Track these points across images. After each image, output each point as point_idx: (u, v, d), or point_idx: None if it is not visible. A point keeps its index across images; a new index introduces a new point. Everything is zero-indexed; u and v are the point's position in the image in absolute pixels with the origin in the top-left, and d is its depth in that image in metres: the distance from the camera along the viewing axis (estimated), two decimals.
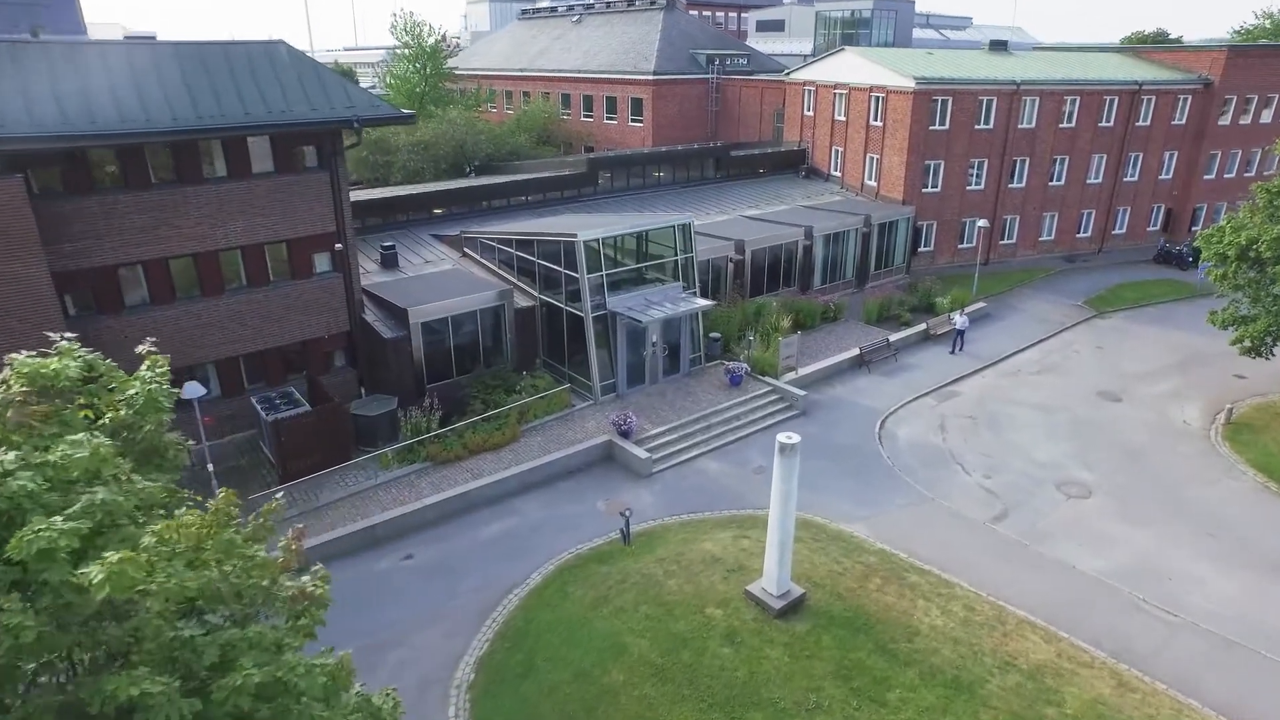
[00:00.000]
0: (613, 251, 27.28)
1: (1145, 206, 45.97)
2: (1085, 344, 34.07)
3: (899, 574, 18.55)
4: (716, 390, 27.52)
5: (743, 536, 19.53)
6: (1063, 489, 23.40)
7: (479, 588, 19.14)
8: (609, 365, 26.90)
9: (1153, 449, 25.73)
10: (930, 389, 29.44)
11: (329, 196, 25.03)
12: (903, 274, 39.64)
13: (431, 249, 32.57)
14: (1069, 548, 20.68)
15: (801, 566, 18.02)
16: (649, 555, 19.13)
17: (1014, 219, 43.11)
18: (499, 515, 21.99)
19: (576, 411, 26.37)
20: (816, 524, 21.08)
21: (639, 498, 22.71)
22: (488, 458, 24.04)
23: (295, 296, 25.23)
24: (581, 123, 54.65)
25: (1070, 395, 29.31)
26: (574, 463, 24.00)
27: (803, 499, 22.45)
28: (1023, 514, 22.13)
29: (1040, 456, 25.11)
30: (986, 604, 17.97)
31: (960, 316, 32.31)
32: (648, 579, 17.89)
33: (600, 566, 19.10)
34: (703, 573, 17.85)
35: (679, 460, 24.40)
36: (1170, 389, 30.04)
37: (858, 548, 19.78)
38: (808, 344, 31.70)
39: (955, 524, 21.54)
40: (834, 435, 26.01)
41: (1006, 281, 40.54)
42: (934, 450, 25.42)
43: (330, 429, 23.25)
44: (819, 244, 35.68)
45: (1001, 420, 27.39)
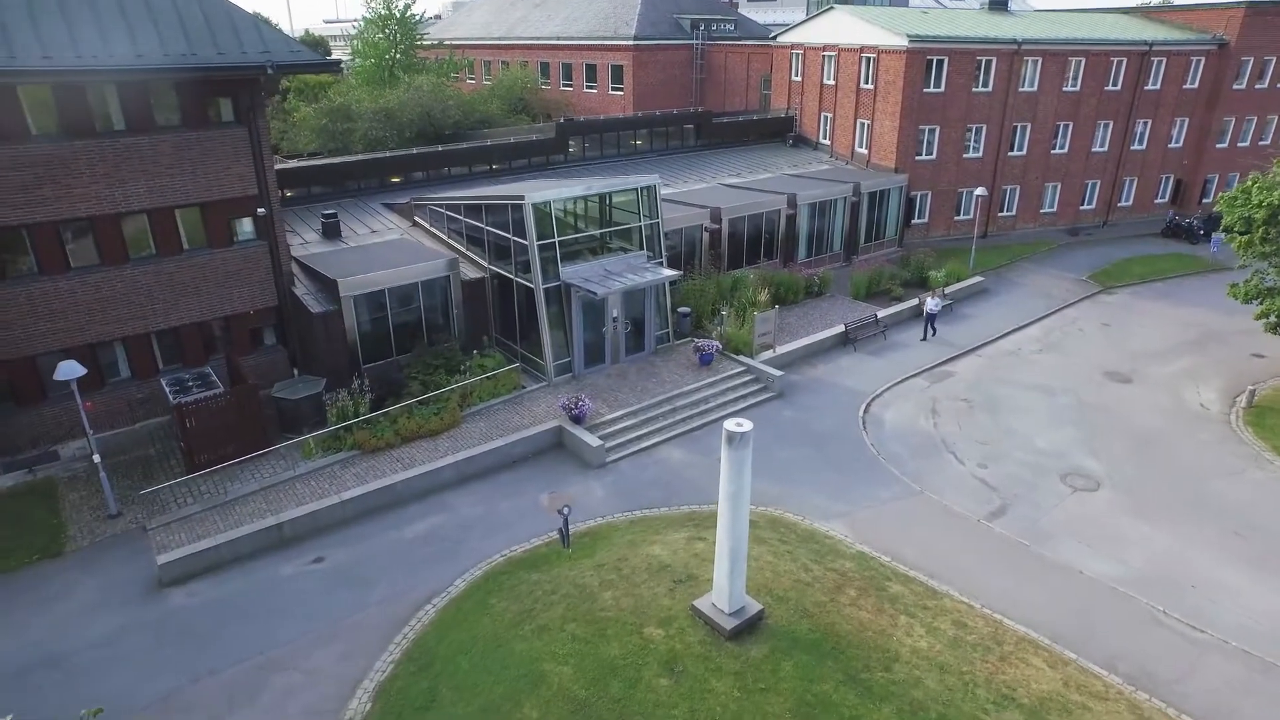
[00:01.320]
0: (569, 217, 24.21)
1: (1153, 177, 42.63)
2: (1090, 321, 30.94)
3: (879, 583, 15.58)
4: (685, 370, 24.50)
5: (698, 538, 16.57)
6: (1068, 481, 20.39)
7: (392, 597, 16.24)
8: (564, 343, 23.87)
9: (1167, 435, 22.68)
10: (921, 369, 26.38)
11: (248, 155, 21.94)
12: (894, 247, 36.46)
13: (381, 218, 29.50)
14: (1075, 549, 17.70)
15: (762, 575, 15.06)
16: (587, 560, 16.19)
17: (1014, 189, 39.84)
18: (428, 511, 19.06)
19: (527, 394, 23.38)
20: (786, 522, 18.11)
21: (588, 491, 19.76)
22: (423, 445, 21.09)
23: (213, 267, 22.21)
24: (561, 92, 51.30)
25: (1075, 376, 26.23)
26: (518, 451, 21.04)
27: (773, 493, 19.56)
28: (1022, 510, 19.14)
29: (1042, 444, 22.08)
30: (980, 619, 15.01)
31: (932, 299, 28.48)
32: (580, 590, 14.94)
33: (530, 574, 16.17)
34: (646, 583, 14.89)
35: (637, 448, 21.42)
36: (1184, 369, 26.94)
37: (832, 551, 16.81)
38: (789, 320, 28.63)
39: (946, 522, 18.57)
40: (812, 420, 23.00)
41: (1005, 255, 37.35)
42: (924, 437, 22.40)
43: (244, 414, 20.30)
44: (803, 214, 32.51)
45: (999, 403, 24.34)
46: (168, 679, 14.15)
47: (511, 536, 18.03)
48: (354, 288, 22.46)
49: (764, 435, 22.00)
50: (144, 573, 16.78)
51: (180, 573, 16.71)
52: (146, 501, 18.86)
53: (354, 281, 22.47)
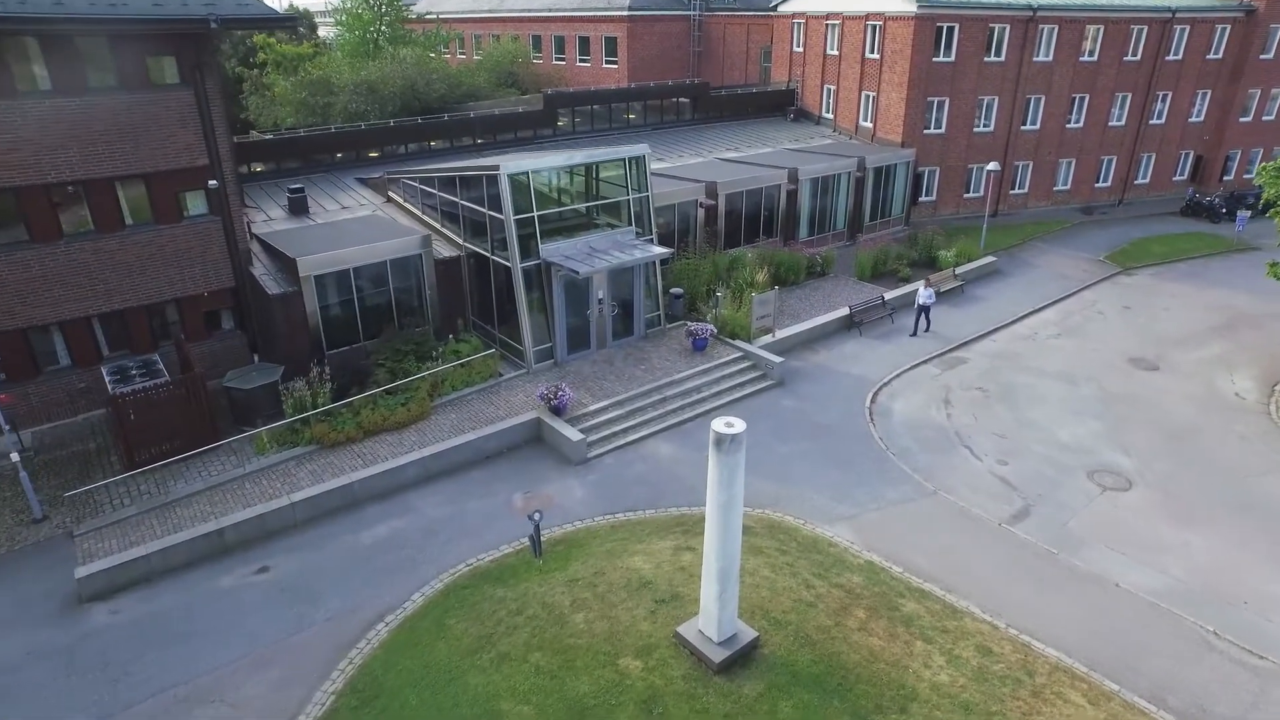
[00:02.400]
0: (551, 191, 22.01)
1: (1172, 153, 40.20)
2: (1110, 304, 28.72)
3: (891, 601, 13.51)
4: (676, 357, 22.36)
5: (686, 548, 14.49)
6: (1096, 478, 18.28)
7: (341, 614, 14.21)
8: (545, 327, 21.73)
9: (1202, 428, 20.54)
10: (932, 355, 24.22)
11: (195, 122, 19.73)
12: (901, 225, 34.18)
13: (354, 194, 27.28)
14: (1109, 557, 15.62)
15: (758, 594, 12.99)
16: (560, 573, 14.13)
17: (1026, 166, 37.48)
18: (389, 514, 17.01)
19: (504, 382, 21.27)
20: (786, 527, 16.04)
21: (567, 490, 17.69)
22: (387, 439, 19.02)
23: (160, 245, 20.06)
24: (553, 66, 48.81)
25: (1097, 363, 24.06)
26: (491, 446, 18.96)
27: (771, 493, 17.48)
28: (1047, 511, 17.05)
29: (1065, 437, 19.96)
30: (1007, 642, 12.96)
31: (925, 288, 25.23)
32: (549, 611, 12.89)
33: (495, 589, 14.12)
34: (624, 603, 12.83)
35: (623, 442, 19.33)
36: (1215, 355, 24.75)
37: (838, 562, 14.73)
38: (789, 302, 26.45)
39: (963, 525, 16.49)
40: (815, 411, 20.88)
41: (1018, 234, 35.05)
42: (936, 430, 20.28)
43: (190, 405, 18.24)
44: (805, 189, 30.22)
45: (1017, 392, 22.20)
46: (71, 717, 12.14)
47: (479, 543, 15.99)
48: (315, 267, 20.30)
49: (762, 428, 19.92)
50: (64, 586, 14.73)
51: (103, 586, 14.69)
52: (77, 503, 16.82)
53: (315, 260, 20.30)
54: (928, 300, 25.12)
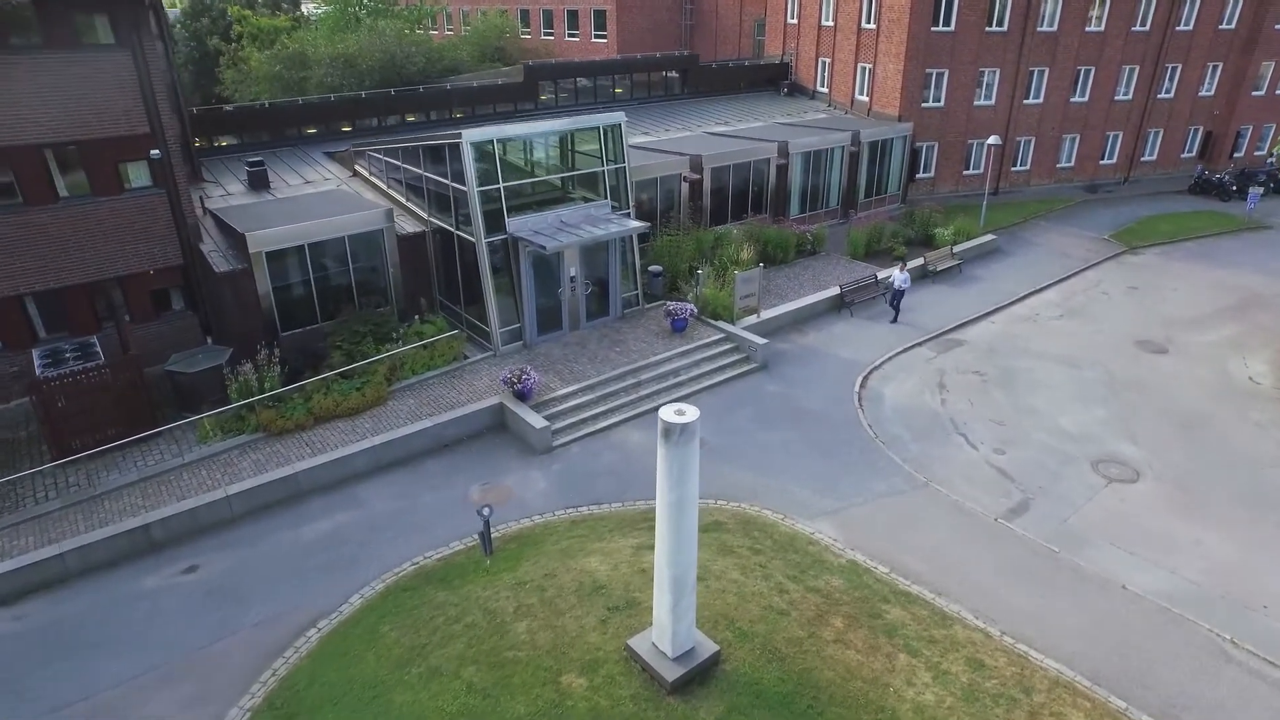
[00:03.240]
0: (522, 162, 20.44)
1: (1181, 128, 38.36)
2: (1115, 284, 27.11)
3: (873, 607, 12.06)
4: (654, 338, 20.86)
5: (648, 547, 13.05)
6: (1101, 469, 16.80)
7: (271, 619, 12.83)
8: (513, 307, 20.23)
9: (1215, 415, 19.01)
10: (927, 336, 22.68)
11: (133, 86, 18.19)
12: (897, 203, 32.53)
13: (320, 168, 25.74)
14: (1114, 556, 14.16)
15: (724, 600, 11.55)
16: (508, 574, 12.71)
17: (1029, 141, 35.71)
18: (334, 507, 15.61)
19: (468, 366, 19.80)
20: (762, 523, 14.58)
21: (528, 482, 16.26)
22: (340, 426, 17.59)
23: (98, 219, 18.58)
24: (541, 42, 47.02)
25: (1102, 345, 22.51)
26: (450, 434, 17.53)
27: (749, 485, 16.03)
28: (1048, 505, 15.58)
29: (1068, 425, 18.46)
30: (1001, 654, 11.52)
31: (900, 273, 23.28)
32: (490, 618, 11.47)
33: (438, 592, 12.70)
34: (573, 610, 11.40)
35: (592, 430, 17.88)
36: (1227, 338, 23.17)
37: (816, 562, 13.28)
38: (777, 281, 24.91)
39: (955, 521, 15.02)
40: (800, 396, 19.38)
41: (1019, 212, 33.37)
42: (929, 416, 18.79)
43: (126, 390, 16.81)
44: (796, 164, 28.58)
45: (1017, 377, 20.67)
46: None
47: (429, 540, 14.59)
48: (267, 242, 18.81)
49: (742, 414, 18.45)
50: None
51: (10, 589, 13.33)
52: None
53: (266, 235, 18.81)
54: (902, 285, 23.22)
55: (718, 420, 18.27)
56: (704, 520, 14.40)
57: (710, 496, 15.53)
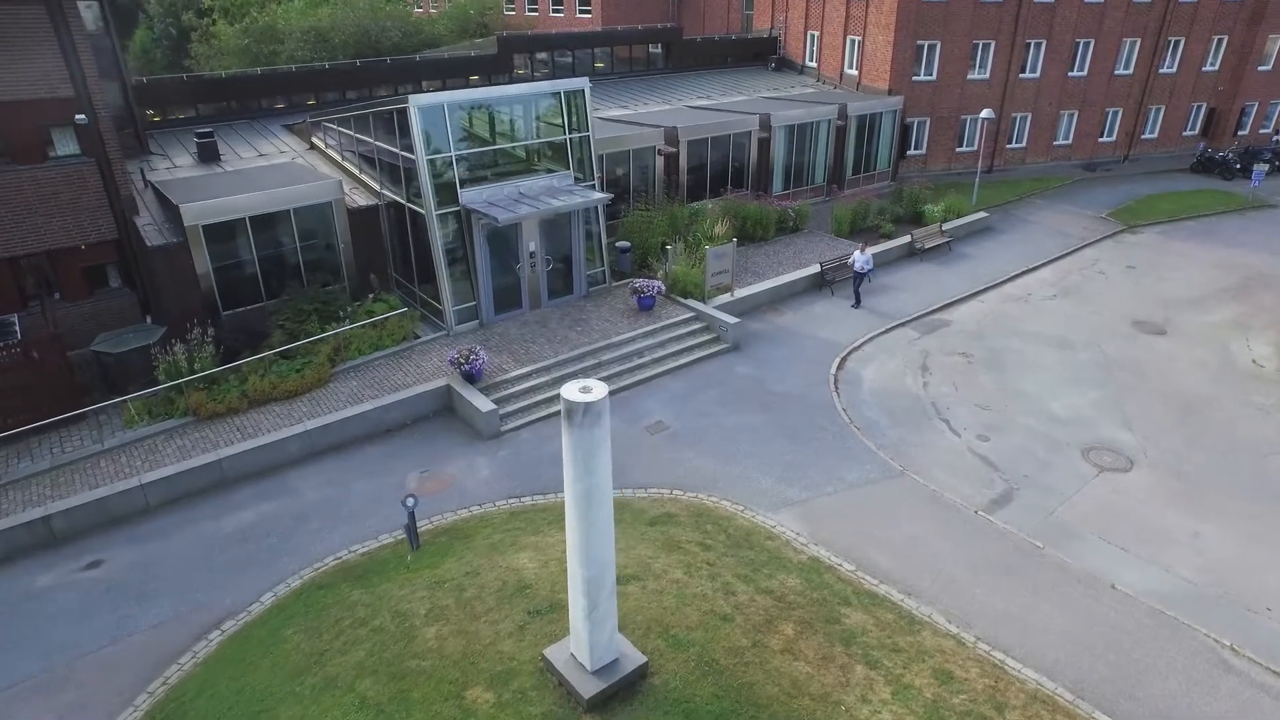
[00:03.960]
0: (476, 129, 18.99)
1: (1183, 105, 36.71)
2: (1113, 263, 25.63)
3: (831, 611, 10.73)
4: (619, 317, 19.48)
5: None
6: (1092, 457, 15.41)
7: (172, 619, 11.56)
8: (469, 284, 18.86)
9: (1216, 399, 17.60)
10: (911, 317, 21.26)
11: (53, 45, 16.81)
12: (887, 181, 31.00)
13: (277, 141, 24.33)
14: (1104, 553, 12.80)
15: (661, 603, 10.22)
16: (430, 571, 11.39)
17: (1024, 118, 34.13)
18: (261, 496, 14.31)
19: (419, 346, 18.45)
20: (718, 515, 13.24)
21: (471, 469, 14.93)
22: (276, 410, 16.27)
23: (18, 188, 17.13)
24: (526, 17, 45.37)
25: (1097, 326, 21.08)
26: (392, 417, 16.20)
27: (709, 473, 14.67)
28: (1033, 496, 14.21)
29: (1059, 409, 17.07)
30: (973, 663, 10.19)
31: (861, 254, 21.31)
32: (400, 622, 10.16)
33: (353, 590, 11.40)
34: (491, 612, 10.08)
35: (545, 414, 16.54)
36: (1229, 318, 21.71)
37: (773, 559, 11.94)
38: (756, 259, 23.49)
39: (932, 513, 13.66)
40: (772, 378, 18.01)
41: (1013, 190, 31.84)
42: (910, 400, 17.41)
43: (44, 371, 15.50)
44: (779, 138, 27.08)
45: (1005, 359, 19.27)
46: None
47: (357, 531, 13.30)
48: (203, 215, 17.44)
49: (707, 397, 17.09)
50: None
51: None
52: None
53: (202, 208, 17.43)
54: (863, 267, 21.31)
55: (681, 403, 16.92)
56: (654, 512, 13.07)
57: (665, 486, 14.21)
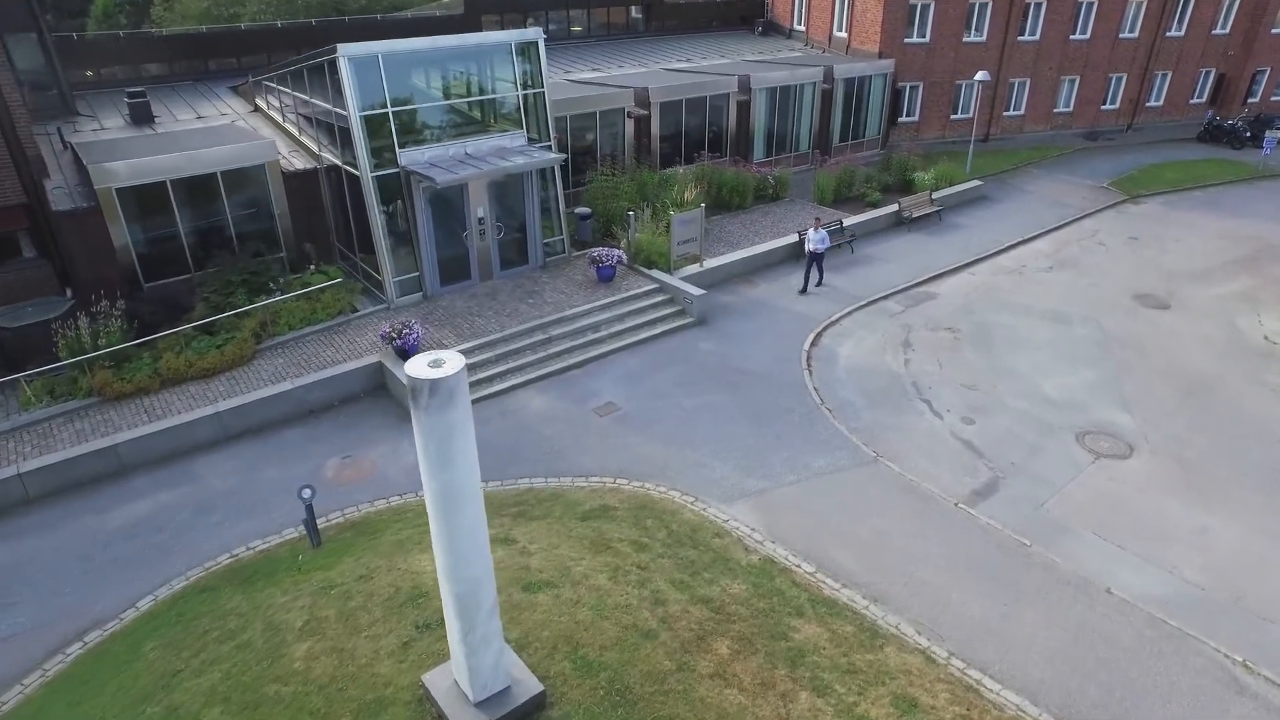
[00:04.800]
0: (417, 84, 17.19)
1: (1191, 70, 34.60)
2: (1114, 234, 23.81)
3: (778, 624, 9.12)
4: (576, 289, 17.78)
5: (503, 539, 10.11)
6: (1087, 442, 13.75)
7: (31, 630, 10.01)
8: (411, 253, 17.17)
9: (1224, 378, 15.89)
10: (894, 289, 19.52)
11: None
12: (877, 149, 29.12)
13: (220, 103, 22.56)
14: (1100, 551, 11.18)
15: (575, 615, 8.60)
16: (321, 573, 9.79)
17: (1023, 84, 32.08)
18: (161, 485, 12.73)
19: (357, 320, 16.79)
20: (663, 509, 11.61)
21: (397, 455, 13.33)
22: (192, 390, 14.64)
23: None
24: None
25: (1096, 300, 19.33)
26: (316, 397, 14.58)
27: (659, 459, 13.02)
28: (1021, 486, 12.57)
29: (1051, 390, 15.38)
30: (943, 686, 8.60)
31: (816, 231, 18.53)
32: (271, 635, 8.58)
33: (234, 596, 9.82)
34: (374, 626, 8.49)
35: (485, 393, 14.88)
36: (1237, 292, 19.94)
37: (718, 560, 10.33)
38: (731, 228, 21.73)
39: (907, 505, 12.03)
40: (738, 355, 16.33)
41: (1010, 159, 29.93)
42: (889, 379, 15.72)
43: None
44: (760, 101, 25.21)
45: (995, 335, 17.56)
46: None
47: (261, 525, 11.73)
48: (116, 177, 15.74)
49: (665, 376, 15.44)
50: None
51: None
52: None
53: (116, 169, 15.73)
54: (819, 246, 18.62)
55: (636, 382, 15.27)
56: (589, 505, 11.46)
57: (608, 474, 12.58)
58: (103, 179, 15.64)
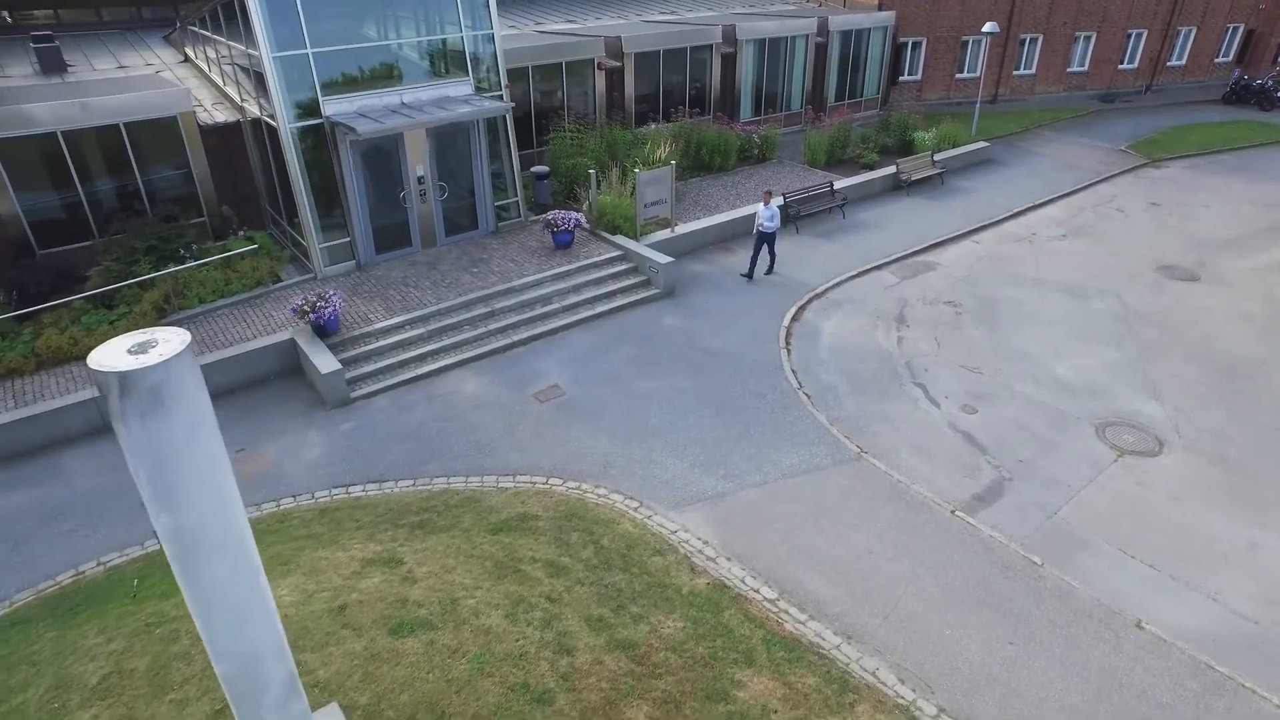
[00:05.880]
0: (351, 22, 14.85)
1: (1217, 26, 31.80)
2: (1133, 199, 21.38)
3: (719, 676, 7.02)
4: (529, 256, 15.58)
5: (388, 560, 8.02)
6: (1109, 436, 11.55)
7: None
8: (343, 216, 14.97)
9: (1267, 360, 13.62)
10: (889, 258, 17.24)
11: None
12: (876, 110, 26.64)
13: (150, 53, 20.24)
14: (1127, 573, 9.03)
15: (449, 671, 6.48)
16: (153, 603, 7.67)
17: (1034, 40, 29.41)
18: (14, 485, 10.69)
19: (280, 291, 14.62)
20: (596, 518, 9.49)
21: (300, 448, 11.25)
22: (76, 371, 12.56)
23: None
24: None
25: (1115, 270, 17.01)
26: (219, 380, 12.45)
27: (602, 455, 10.84)
28: (1031, 489, 10.40)
29: (1066, 373, 13.15)
30: None
31: (766, 207, 15.28)
32: (55, 695, 6.50)
33: (46, 632, 7.74)
34: (189, 683, 6.41)
35: (412, 375, 12.77)
36: (1275, 261, 17.58)
37: (656, 586, 8.22)
38: (711, 190, 19.42)
39: (894, 513, 9.89)
40: (707, 331, 14.14)
41: (1020, 121, 27.37)
42: (879, 360, 13.51)
43: None
44: (748, 55, 22.74)
45: (1001, 310, 15.29)
46: None
47: (121, 535, 9.69)
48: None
49: (621, 354, 13.29)
50: None
51: None
52: None
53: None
54: (769, 226, 15.41)
55: (586, 363, 13.12)
56: (508, 512, 9.36)
57: (540, 472, 10.48)
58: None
